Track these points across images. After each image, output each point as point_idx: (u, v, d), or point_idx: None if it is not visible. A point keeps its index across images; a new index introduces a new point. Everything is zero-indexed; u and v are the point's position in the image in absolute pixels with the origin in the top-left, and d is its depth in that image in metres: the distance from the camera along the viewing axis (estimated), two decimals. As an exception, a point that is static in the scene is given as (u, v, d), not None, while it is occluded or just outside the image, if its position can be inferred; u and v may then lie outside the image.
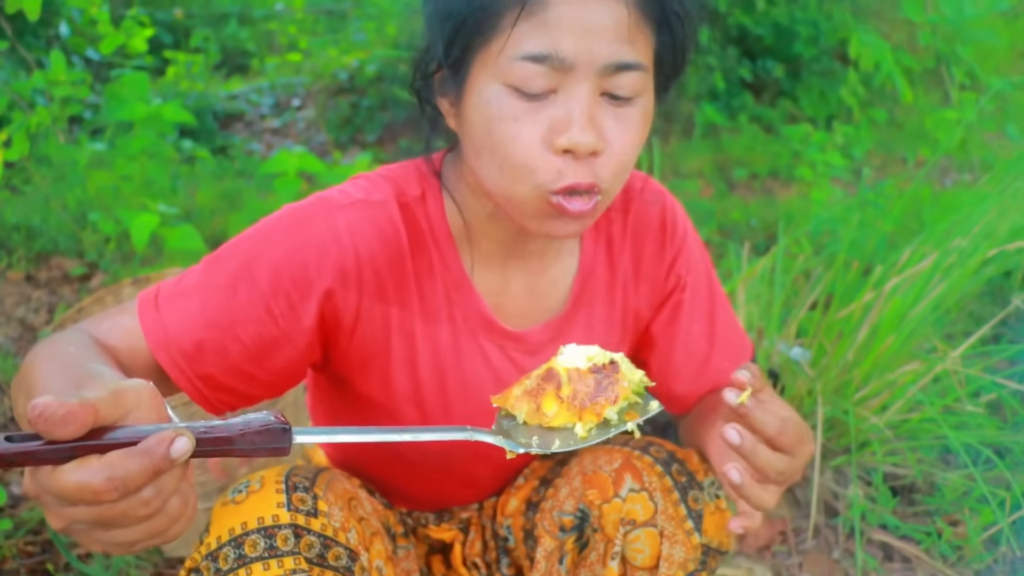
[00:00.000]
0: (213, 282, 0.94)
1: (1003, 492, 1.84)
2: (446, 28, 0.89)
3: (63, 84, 2.79)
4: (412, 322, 1.03)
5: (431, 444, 1.11)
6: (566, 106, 0.86)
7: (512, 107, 0.87)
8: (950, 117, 3.25)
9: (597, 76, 0.86)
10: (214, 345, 0.92)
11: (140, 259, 2.94)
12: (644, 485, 1.10)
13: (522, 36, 0.84)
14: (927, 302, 2.02)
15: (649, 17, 0.87)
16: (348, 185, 1.02)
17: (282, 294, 0.94)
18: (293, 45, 6.88)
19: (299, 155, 2.85)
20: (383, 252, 0.98)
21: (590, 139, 0.86)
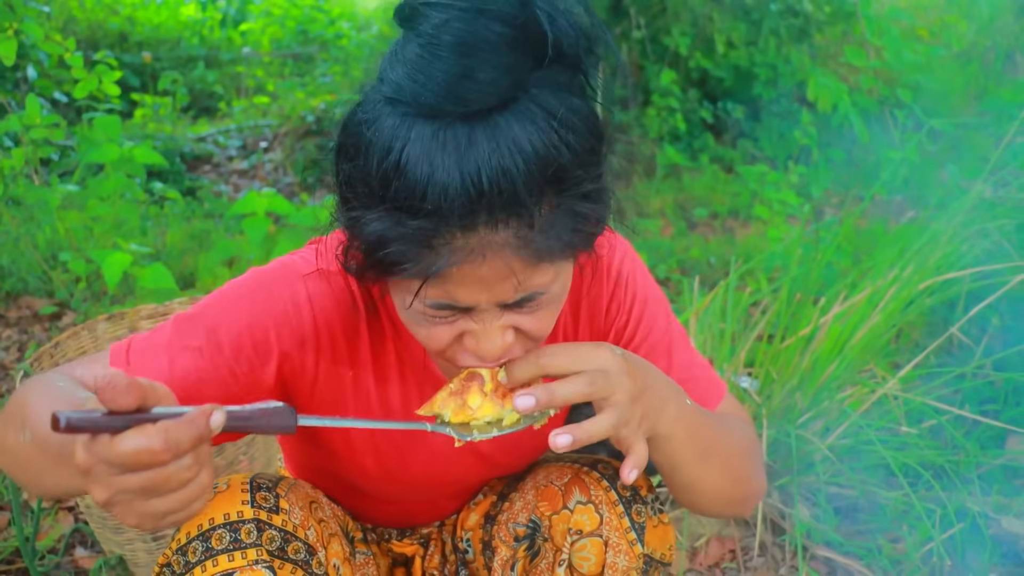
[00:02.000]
0: (182, 342, 1.00)
1: (939, 510, 1.95)
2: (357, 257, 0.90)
3: (38, 127, 2.86)
4: (368, 381, 1.11)
5: (393, 484, 1.21)
6: (479, 325, 0.90)
7: (428, 321, 0.92)
8: (893, 156, 3.39)
9: (500, 308, 0.90)
10: (180, 400, 0.93)
11: (111, 298, 2.99)
12: (591, 498, 1.18)
13: (428, 287, 0.85)
14: (864, 331, 2.13)
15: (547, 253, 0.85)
16: (308, 252, 1.08)
17: (244, 359, 1.01)
18: (260, 88, 6.96)
19: (267, 196, 2.93)
20: (339, 318, 1.05)
21: (499, 350, 0.92)
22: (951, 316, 2.71)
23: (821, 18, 5.79)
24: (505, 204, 0.79)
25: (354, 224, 0.86)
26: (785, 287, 2.26)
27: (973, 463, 2.14)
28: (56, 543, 2.00)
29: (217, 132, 6.06)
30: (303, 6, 7.69)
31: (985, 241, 2.54)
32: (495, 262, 0.83)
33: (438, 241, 0.81)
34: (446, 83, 0.79)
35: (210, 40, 7.57)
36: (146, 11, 7.35)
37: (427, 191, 0.79)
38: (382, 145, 0.81)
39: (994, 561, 1.91)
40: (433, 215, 0.79)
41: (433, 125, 0.79)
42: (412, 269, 0.83)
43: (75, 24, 6.64)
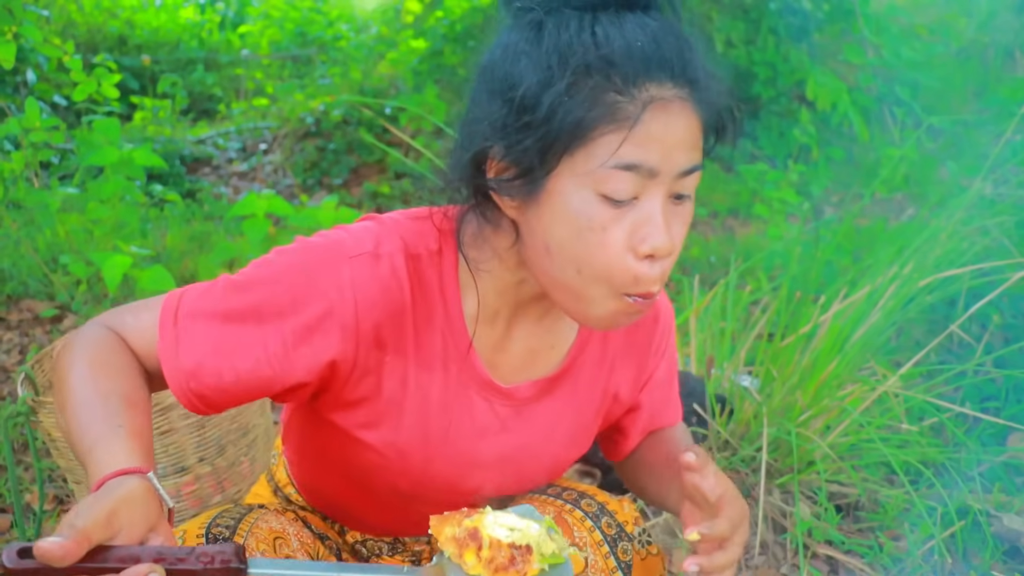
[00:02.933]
0: (226, 310, 1.00)
1: (940, 507, 1.95)
2: (532, 137, 0.92)
3: (38, 130, 2.86)
4: (406, 369, 1.07)
5: (407, 482, 1.18)
6: (648, 212, 0.93)
7: (601, 215, 0.92)
8: (893, 154, 3.40)
9: (672, 181, 0.93)
10: (212, 369, 0.99)
11: (112, 300, 2.99)
12: (575, 540, 1.17)
13: (614, 147, 0.89)
14: (864, 329, 2.14)
15: (709, 121, 0.97)
16: (362, 231, 1.06)
17: (282, 340, 1.00)
18: (259, 90, 6.96)
19: (267, 197, 2.93)
20: (383, 305, 1.02)
21: (670, 244, 0.93)
22: (951, 313, 2.71)
23: (820, 16, 5.79)
24: (683, 65, 0.91)
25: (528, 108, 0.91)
26: (785, 285, 2.26)
27: (974, 460, 2.14)
28: (58, 546, 2.00)
29: (216, 134, 6.06)
30: (301, 8, 7.69)
31: (985, 238, 2.55)
32: (680, 116, 0.91)
33: (634, 90, 0.89)
34: None
35: (209, 43, 7.57)
36: (145, 14, 7.35)
37: (626, 48, 0.89)
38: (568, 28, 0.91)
39: (995, 558, 1.91)
40: (627, 67, 0.89)
41: (606, 11, 0.92)
42: (611, 121, 0.89)
43: (74, 28, 6.64)
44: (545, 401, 1.17)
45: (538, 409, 1.17)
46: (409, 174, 5.25)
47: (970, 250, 2.47)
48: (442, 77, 5.80)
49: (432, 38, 6.04)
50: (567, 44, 0.90)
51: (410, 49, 6.48)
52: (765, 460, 1.96)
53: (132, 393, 0.97)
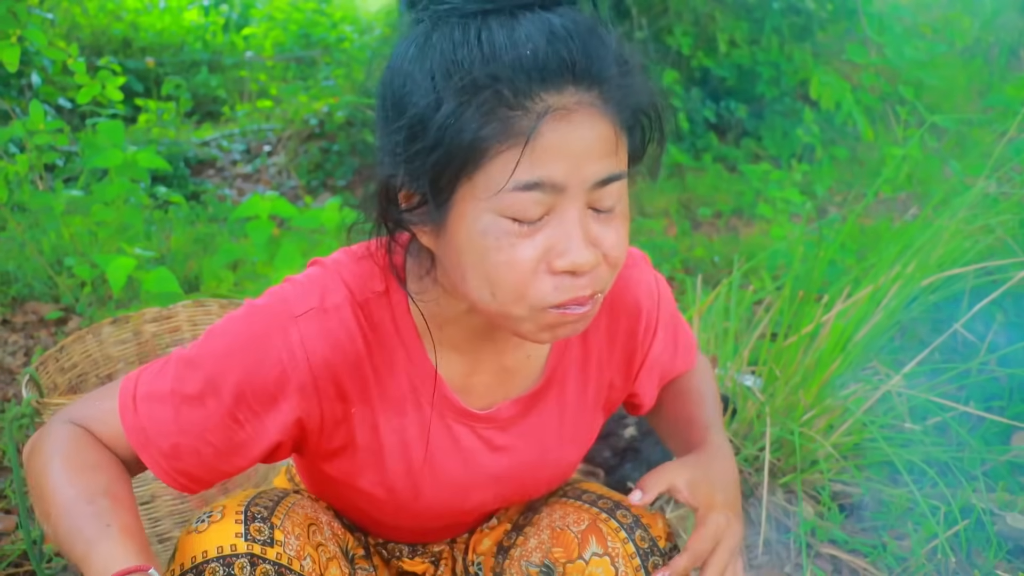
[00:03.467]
0: (184, 391, 0.99)
1: (944, 507, 1.95)
2: (426, 163, 0.87)
3: (42, 133, 2.87)
4: (375, 416, 1.06)
5: (406, 515, 1.19)
6: (562, 228, 0.87)
7: (508, 235, 0.87)
8: (896, 153, 3.39)
9: (586, 193, 0.87)
10: (188, 448, 1.00)
11: (116, 302, 3.00)
12: (607, 550, 1.17)
13: (511, 166, 0.84)
14: (868, 328, 2.13)
15: (626, 124, 0.90)
16: (307, 283, 1.03)
17: (245, 406, 0.99)
18: (263, 92, 6.96)
19: (271, 199, 2.94)
20: (338, 359, 1.01)
21: (590, 258, 0.88)
22: (955, 312, 2.71)
23: (823, 16, 5.79)
24: (588, 65, 0.85)
25: (419, 134, 0.86)
26: (788, 285, 2.26)
27: (978, 460, 2.14)
28: (63, 547, 2.00)
29: (221, 136, 6.07)
30: (305, 10, 7.69)
31: (989, 237, 2.54)
32: (584, 124, 0.85)
33: (526, 102, 0.83)
34: None
35: (213, 45, 7.58)
36: (149, 17, 7.37)
37: (517, 55, 0.83)
38: (452, 41, 0.85)
39: (999, 558, 1.91)
40: (517, 78, 0.83)
41: (498, 15, 0.85)
42: (505, 140, 0.83)
43: (79, 30, 6.65)
44: (532, 415, 1.16)
45: (526, 424, 1.16)
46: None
47: (973, 249, 2.47)
48: (445, 78, 5.80)
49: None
50: (451, 59, 0.84)
51: (414, 50, 6.47)
52: (768, 460, 1.97)
53: (114, 488, 0.96)
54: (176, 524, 1.80)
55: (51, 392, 1.88)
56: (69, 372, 1.96)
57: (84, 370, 2.01)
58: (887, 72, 4.74)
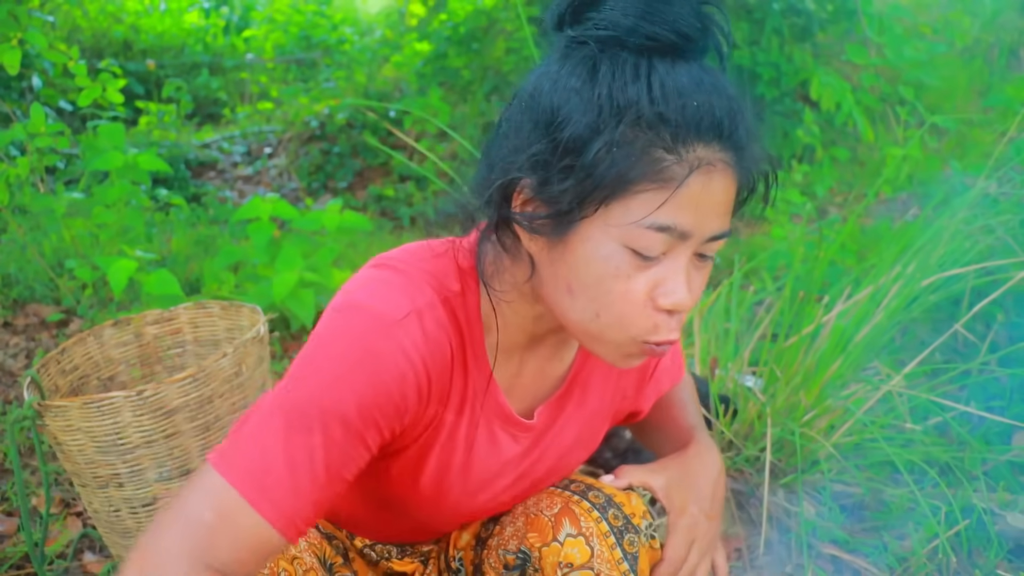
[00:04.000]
0: (310, 443, 0.90)
1: (945, 507, 1.95)
2: (570, 182, 0.89)
3: (43, 136, 2.88)
4: (444, 415, 1.05)
5: (420, 512, 1.18)
6: (673, 269, 0.92)
7: (626, 266, 0.91)
8: (897, 154, 3.39)
9: (700, 244, 0.92)
10: (328, 496, 0.94)
11: (118, 304, 3.01)
12: (581, 530, 1.17)
13: (653, 206, 0.88)
14: (868, 329, 2.14)
15: (745, 186, 0.96)
16: (385, 288, 0.98)
17: (375, 428, 0.95)
18: (264, 94, 6.97)
19: (272, 201, 2.94)
20: (441, 360, 0.99)
21: (690, 302, 0.93)
22: (955, 312, 2.71)
23: (823, 16, 5.78)
24: (733, 128, 0.89)
25: (570, 152, 0.89)
26: (789, 285, 2.26)
27: (979, 459, 2.14)
28: (65, 548, 2.01)
29: (221, 138, 6.08)
30: (306, 12, 7.70)
31: (989, 237, 2.54)
32: (720, 181, 0.90)
33: (683, 150, 0.87)
34: (672, 21, 0.88)
35: (214, 47, 7.59)
36: (150, 19, 7.37)
37: (683, 104, 0.87)
38: (624, 76, 0.88)
39: (1000, 557, 1.91)
40: (680, 126, 0.87)
41: (661, 58, 0.89)
42: (654, 181, 0.87)
43: (79, 33, 6.66)
44: (559, 420, 1.17)
45: (554, 429, 1.18)
46: (413, 177, 5.26)
47: (974, 249, 2.47)
48: (446, 80, 5.81)
49: (436, 41, 6.05)
50: (621, 91, 0.87)
51: (414, 52, 6.49)
52: (769, 460, 1.97)
53: None
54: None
55: (52, 394, 1.88)
56: (70, 374, 1.96)
57: (85, 372, 2.01)
58: (887, 72, 4.74)
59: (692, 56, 0.90)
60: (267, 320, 1.95)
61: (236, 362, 1.79)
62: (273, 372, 2.41)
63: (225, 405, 1.78)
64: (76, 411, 1.63)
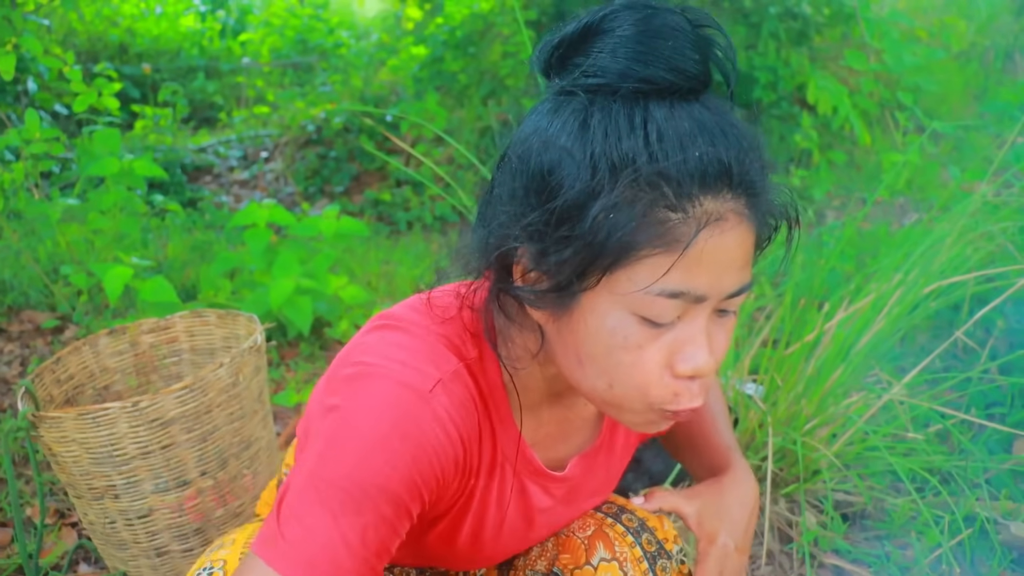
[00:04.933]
0: (362, 523, 0.86)
1: (947, 515, 1.94)
2: (569, 252, 0.82)
3: (38, 141, 2.86)
4: (476, 481, 1.01)
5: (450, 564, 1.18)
6: (690, 333, 0.85)
7: (637, 335, 0.84)
8: (896, 159, 3.39)
9: (720, 302, 0.85)
10: (375, 570, 0.89)
11: (113, 311, 2.99)
12: (615, 555, 1.16)
13: (660, 271, 0.80)
14: (869, 337, 2.12)
15: (760, 237, 0.88)
16: (407, 354, 0.93)
17: (418, 500, 0.90)
18: (260, 98, 6.96)
19: (268, 207, 2.93)
20: (472, 428, 0.95)
21: (713, 365, 0.86)
22: (955, 319, 2.70)
23: (820, 20, 5.79)
24: (742, 171, 0.81)
25: (567, 220, 0.81)
26: (789, 292, 2.25)
27: (980, 468, 2.13)
28: (59, 560, 1.99)
29: (218, 143, 6.07)
30: (302, 16, 7.70)
31: (989, 244, 2.53)
32: (733, 233, 0.81)
33: (688, 206, 0.79)
34: (667, 58, 0.81)
35: (210, 51, 7.58)
36: (145, 22, 7.37)
37: (684, 157, 0.78)
38: (617, 128, 0.80)
39: (1004, 567, 1.90)
40: (683, 181, 0.78)
41: (658, 101, 0.81)
42: (660, 244, 0.79)
43: (75, 36, 6.65)
44: (594, 467, 1.15)
45: (589, 476, 1.15)
46: (410, 181, 5.25)
47: (975, 256, 2.46)
48: (443, 84, 5.80)
49: (433, 45, 6.04)
50: (615, 146, 0.79)
51: (411, 56, 6.48)
52: (771, 470, 1.95)
53: None
54: (174, 537, 1.79)
55: (47, 404, 1.86)
56: (65, 384, 1.94)
57: (80, 382, 1.99)
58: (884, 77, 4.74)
59: (693, 94, 0.83)
60: (264, 328, 1.93)
61: (233, 372, 1.77)
62: (270, 380, 2.40)
63: (222, 415, 1.77)
64: (71, 422, 1.62)
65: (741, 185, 0.81)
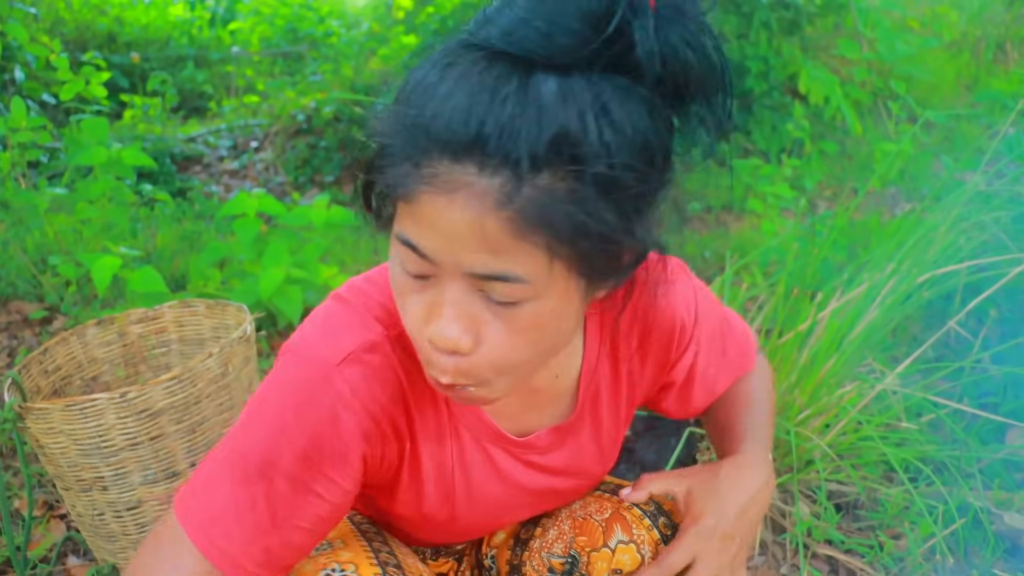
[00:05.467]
0: (252, 493, 0.91)
1: (941, 505, 1.94)
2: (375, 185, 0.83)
3: (24, 130, 2.83)
4: (418, 448, 1.02)
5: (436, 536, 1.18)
6: (439, 299, 0.81)
7: (400, 280, 0.84)
8: (888, 149, 3.38)
9: (466, 278, 0.79)
10: (280, 544, 0.93)
11: (101, 302, 2.96)
12: (632, 537, 1.16)
13: (403, 217, 0.79)
14: (862, 327, 2.12)
15: (533, 227, 0.74)
16: (332, 326, 0.96)
17: (321, 475, 0.92)
18: (250, 87, 6.93)
19: (258, 197, 2.90)
20: (388, 398, 0.95)
21: (452, 336, 0.80)
22: (948, 308, 2.69)
23: (812, 10, 5.77)
24: (502, 149, 0.71)
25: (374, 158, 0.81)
26: (782, 282, 2.24)
27: (974, 458, 2.12)
28: (48, 552, 1.97)
29: (207, 132, 6.03)
30: (292, 4, 7.66)
31: (982, 234, 2.53)
32: (467, 208, 0.73)
33: (425, 160, 0.74)
34: (509, 26, 0.74)
35: (199, 40, 7.54)
36: (134, 11, 7.32)
37: (436, 112, 0.73)
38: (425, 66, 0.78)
39: (997, 557, 1.90)
40: (433, 134, 0.73)
41: (480, 61, 0.74)
42: (396, 189, 0.77)
43: (63, 25, 6.60)
44: (570, 442, 1.13)
45: (565, 450, 1.13)
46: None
47: (967, 245, 2.46)
48: (434, 73, 5.77)
49: (423, 34, 6.01)
50: (401, 91, 0.79)
51: (401, 45, 6.45)
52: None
53: None
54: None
55: (34, 396, 1.84)
56: (53, 375, 1.92)
57: (68, 372, 1.97)
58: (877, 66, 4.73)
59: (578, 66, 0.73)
60: (254, 318, 1.92)
61: (222, 362, 1.76)
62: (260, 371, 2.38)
63: (211, 406, 1.75)
64: (58, 413, 1.60)
65: (496, 166, 0.72)
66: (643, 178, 0.76)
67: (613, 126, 0.73)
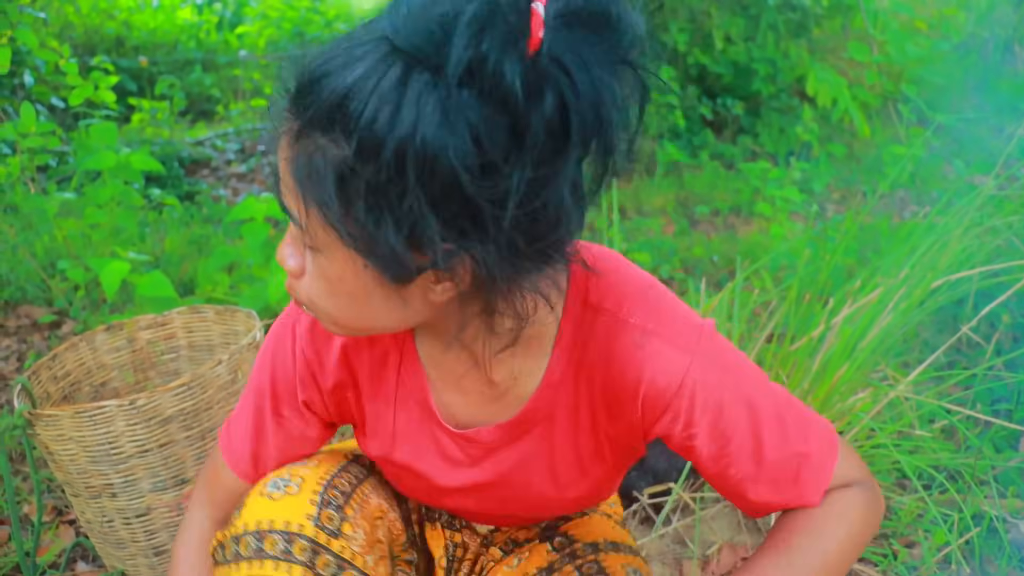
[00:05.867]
0: (247, 406, 1.18)
1: (956, 514, 1.92)
2: None
3: (33, 135, 2.83)
4: (362, 401, 1.13)
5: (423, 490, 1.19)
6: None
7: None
8: (899, 152, 3.37)
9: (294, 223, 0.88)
10: (264, 453, 1.18)
11: (110, 306, 2.96)
12: None
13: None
14: (876, 332, 2.10)
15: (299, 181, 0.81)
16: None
17: (283, 404, 1.14)
18: (258, 90, 6.92)
19: (266, 201, 2.89)
20: (324, 348, 1.09)
21: (281, 255, 0.92)
22: (960, 314, 2.68)
23: (819, 12, 5.76)
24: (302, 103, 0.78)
25: None
26: (794, 287, 2.22)
27: (988, 465, 2.11)
28: (57, 558, 1.97)
29: (215, 136, 6.03)
30: (299, 8, 7.65)
31: (995, 239, 2.51)
32: (284, 151, 0.83)
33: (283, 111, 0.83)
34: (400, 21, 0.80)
35: (207, 43, 7.54)
36: (142, 15, 7.32)
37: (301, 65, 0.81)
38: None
39: (1012, 566, 1.88)
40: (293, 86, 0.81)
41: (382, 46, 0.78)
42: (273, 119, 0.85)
43: (71, 29, 6.60)
44: (518, 444, 1.08)
45: (511, 451, 1.09)
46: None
47: (980, 250, 2.44)
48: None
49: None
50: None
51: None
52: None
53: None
54: (172, 536, 1.77)
55: (43, 402, 1.84)
56: (62, 381, 1.92)
57: (77, 378, 1.97)
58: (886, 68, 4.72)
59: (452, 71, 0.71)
60: (263, 324, 1.91)
61: (232, 369, 1.75)
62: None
63: (221, 413, 1.74)
64: (68, 420, 1.59)
65: (299, 114, 0.79)
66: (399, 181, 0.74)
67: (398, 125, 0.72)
